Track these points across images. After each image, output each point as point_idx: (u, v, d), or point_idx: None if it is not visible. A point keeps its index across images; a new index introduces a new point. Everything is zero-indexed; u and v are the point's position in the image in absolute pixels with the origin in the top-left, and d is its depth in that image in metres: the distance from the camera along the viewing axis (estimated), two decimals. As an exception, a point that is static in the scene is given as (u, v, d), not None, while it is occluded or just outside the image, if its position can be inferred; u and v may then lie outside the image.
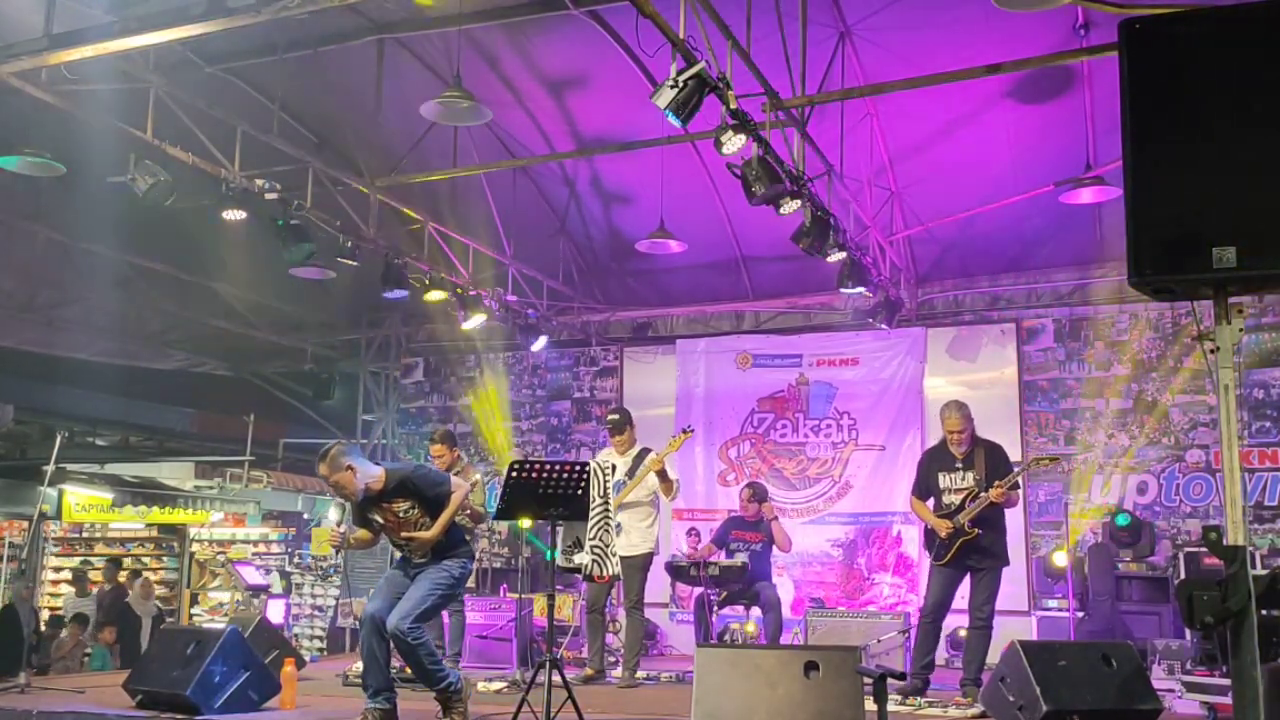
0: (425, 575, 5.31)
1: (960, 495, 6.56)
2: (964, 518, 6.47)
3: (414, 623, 5.09)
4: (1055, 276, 10.56)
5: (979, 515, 6.46)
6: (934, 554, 6.69)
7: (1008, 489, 6.44)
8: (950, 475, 6.66)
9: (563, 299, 11.76)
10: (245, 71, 8.70)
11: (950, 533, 6.50)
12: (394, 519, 5.32)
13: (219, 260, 10.90)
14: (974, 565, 6.55)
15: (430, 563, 5.34)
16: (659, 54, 6.20)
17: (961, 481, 6.60)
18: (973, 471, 6.57)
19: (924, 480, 6.83)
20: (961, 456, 6.66)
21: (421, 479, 5.36)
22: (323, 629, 11.58)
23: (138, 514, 12.88)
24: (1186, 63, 2.81)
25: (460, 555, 5.44)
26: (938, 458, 6.81)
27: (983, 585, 6.54)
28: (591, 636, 7.69)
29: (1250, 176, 2.70)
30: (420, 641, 5.11)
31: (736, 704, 4.64)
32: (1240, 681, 2.60)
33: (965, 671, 6.51)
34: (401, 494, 5.28)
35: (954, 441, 6.68)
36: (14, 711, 5.62)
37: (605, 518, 6.98)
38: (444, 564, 5.35)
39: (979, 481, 6.51)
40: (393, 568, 5.63)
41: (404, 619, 5.06)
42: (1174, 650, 7.21)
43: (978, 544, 6.50)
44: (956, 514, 6.52)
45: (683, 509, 11.11)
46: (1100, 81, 8.28)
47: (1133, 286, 2.81)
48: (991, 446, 6.72)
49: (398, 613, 5.10)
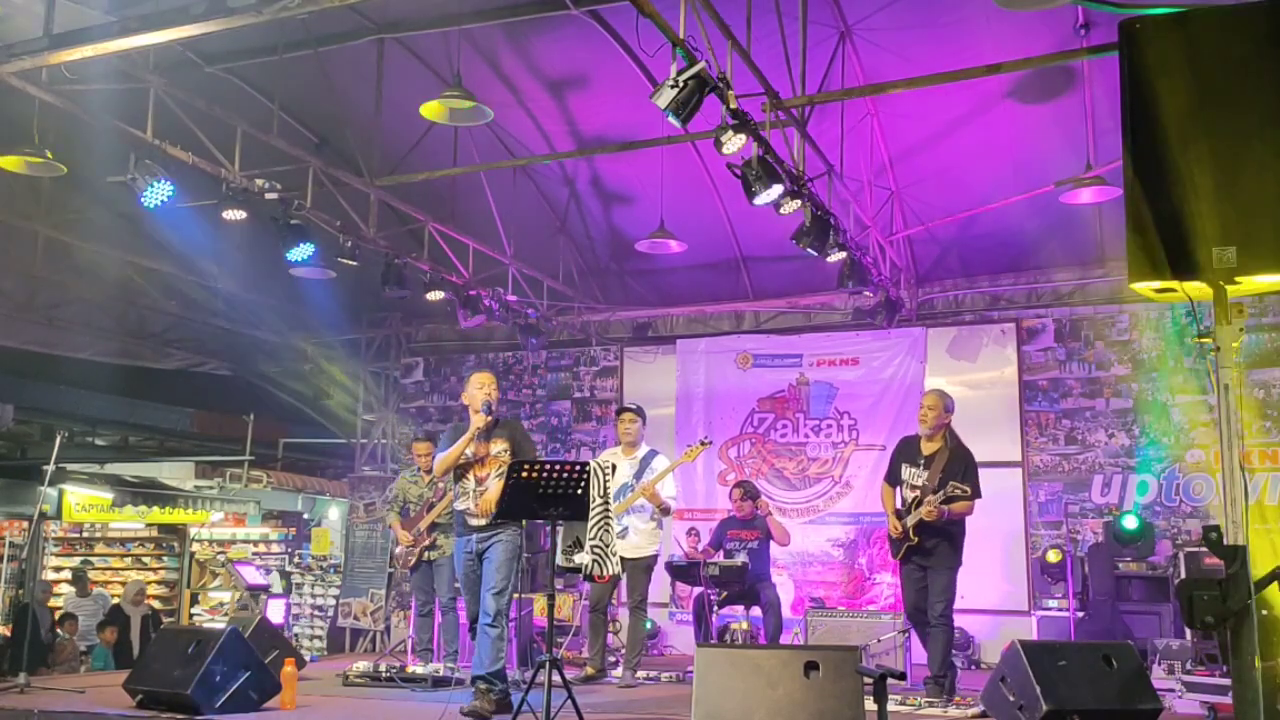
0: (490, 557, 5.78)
1: (914, 494, 6.55)
2: (911, 521, 6.48)
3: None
4: (1055, 276, 10.55)
5: (922, 523, 6.41)
6: (890, 551, 6.81)
7: (941, 505, 6.32)
8: (911, 469, 6.65)
9: (563, 299, 11.76)
10: (245, 71, 8.70)
11: (900, 534, 6.55)
12: (485, 454, 5.81)
13: (219, 260, 10.91)
14: (924, 564, 6.56)
15: (490, 530, 5.76)
16: (659, 54, 6.20)
17: (917, 479, 6.57)
18: (929, 473, 6.51)
19: (893, 468, 6.85)
20: (927, 454, 6.62)
21: (522, 430, 6.12)
22: (323, 629, 11.57)
23: (138, 514, 12.90)
24: (1186, 63, 2.81)
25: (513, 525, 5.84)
26: (907, 448, 6.82)
27: (934, 584, 6.51)
28: (593, 636, 7.70)
29: (1250, 176, 2.70)
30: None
31: (736, 704, 4.64)
32: (1240, 681, 2.60)
33: (929, 667, 6.55)
34: (503, 434, 5.87)
35: (920, 420, 6.68)
36: (14, 711, 5.63)
37: (605, 517, 6.98)
38: (503, 537, 5.80)
39: (925, 487, 6.46)
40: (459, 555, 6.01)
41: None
42: (1174, 650, 7.21)
43: (921, 547, 6.50)
44: (906, 515, 6.54)
45: (683, 509, 11.08)
46: (1100, 81, 8.27)
47: (1133, 287, 2.81)
48: (958, 453, 6.55)
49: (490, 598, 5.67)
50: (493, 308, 10.54)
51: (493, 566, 5.75)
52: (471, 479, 5.84)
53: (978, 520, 6.69)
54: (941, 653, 6.46)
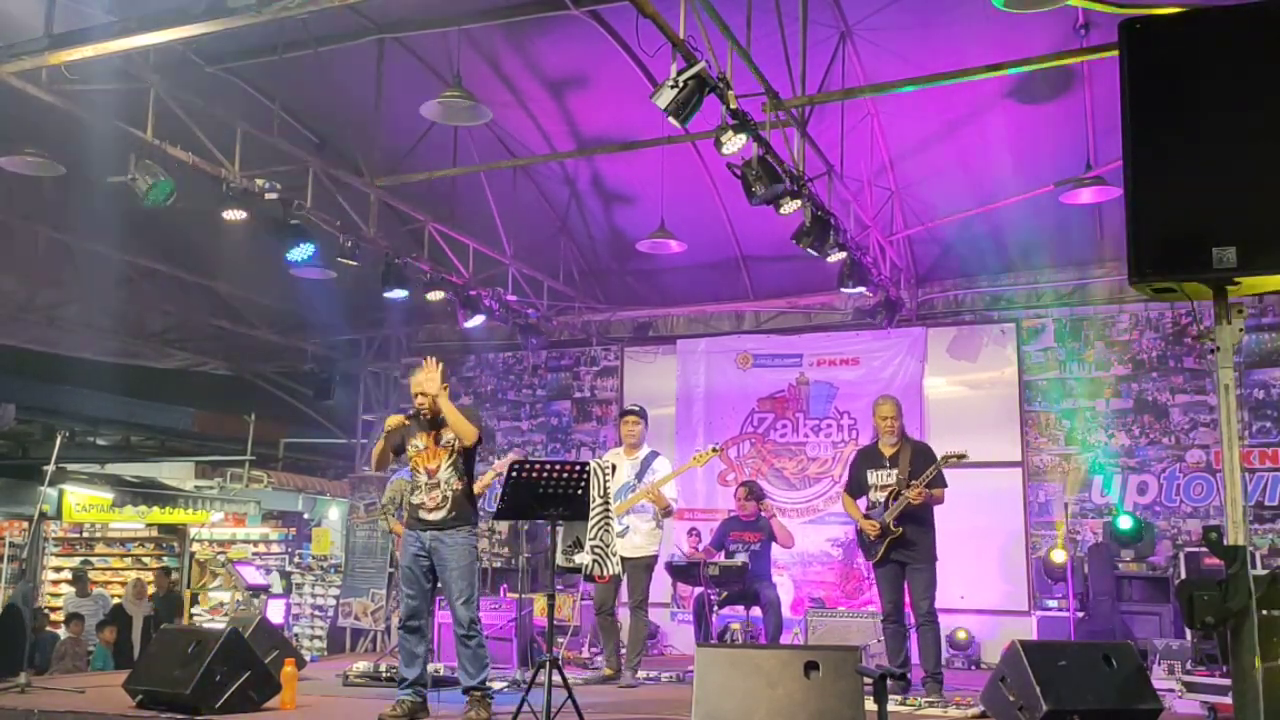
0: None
1: (885, 493, 6.70)
2: (888, 516, 6.60)
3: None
4: (1055, 276, 10.55)
5: (903, 513, 6.58)
6: (866, 554, 6.85)
7: (924, 487, 6.53)
8: (878, 473, 6.81)
9: (563, 299, 11.76)
10: (245, 71, 8.69)
11: (878, 533, 6.61)
12: (431, 444, 5.59)
13: (219, 260, 10.90)
14: (904, 561, 6.65)
15: (445, 528, 5.51)
16: (659, 54, 6.20)
17: (886, 479, 6.75)
18: (897, 470, 6.71)
19: (855, 478, 7.00)
20: (889, 455, 6.81)
21: (478, 417, 5.78)
22: (323, 629, 11.57)
23: (138, 514, 12.89)
24: (1186, 63, 2.81)
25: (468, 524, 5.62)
26: (868, 456, 6.99)
27: (918, 582, 6.63)
28: (605, 638, 7.71)
29: (1250, 176, 2.70)
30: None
31: (736, 704, 4.64)
32: (1240, 681, 2.60)
33: (923, 667, 6.60)
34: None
35: (884, 431, 6.84)
36: (14, 711, 5.62)
37: (605, 517, 6.98)
38: (459, 538, 5.55)
39: (900, 480, 6.64)
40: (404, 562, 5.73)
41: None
42: (1174, 650, 7.21)
43: (904, 540, 6.60)
44: (882, 513, 6.64)
45: (683, 509, 11.05)
46: (1100, 81, 8.28)
47: (1133, 286, 2.81)
48: (920, 448, 6.87)
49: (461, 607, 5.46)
50: (493, 308, 10.54)
51: (454, 574, 5.48)
52: (422, 472, 5.61)
53: (977, 520, 6.75)
54: (935, 648, 6.58)
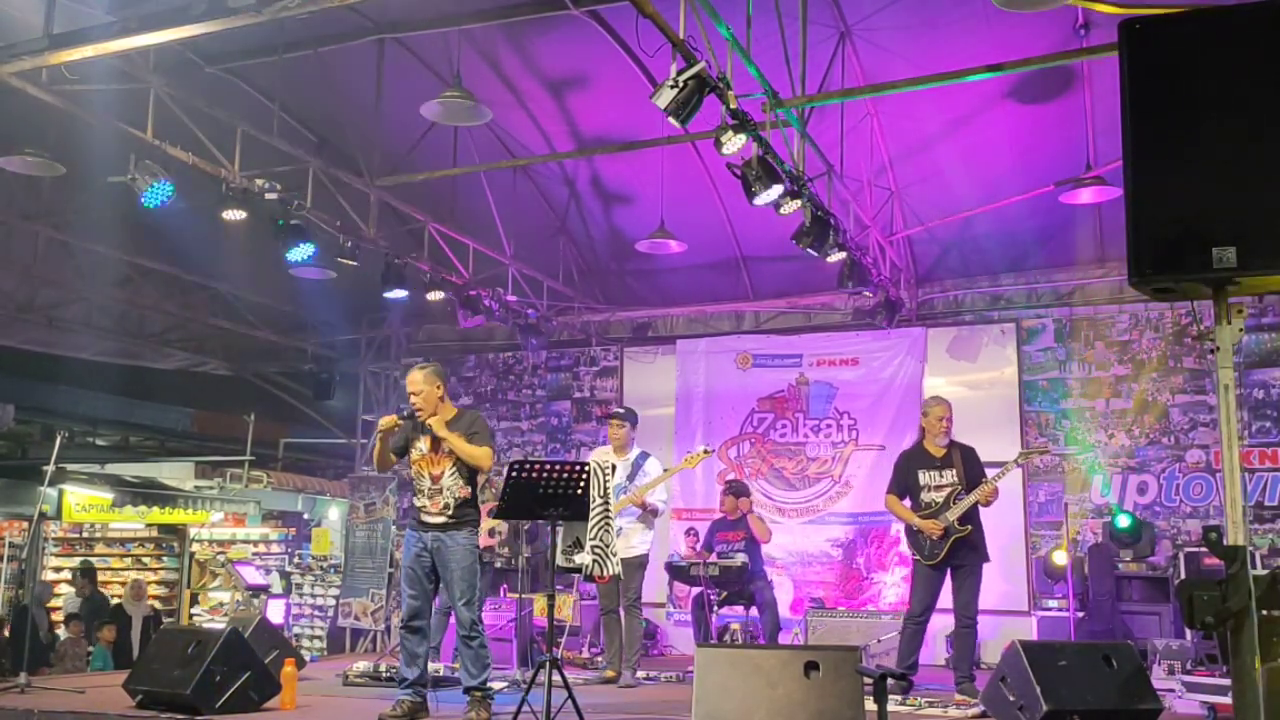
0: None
1: (943, 493, 6.61)
2: (953, 515, 6.52)
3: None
4: (1055, 276, 10.55)
5: (966, 513, 6.54)
6: (924, 554, 6.68)
7: (997, 484, 6.55)
8: (930, 473, 6.71)
9: (563, 299, 11.76)
10: (245, 71, 8.69)
11: (941, 533, 6.54)
12: (435, 450, 5.54)
13: (219, 260, 10.90)
14: (960, 563, 6.60)
15: (446, 529, 5.52)
16: (659, 54, 6.20)
17: (942, 479, 6.66)
18: (952, 470, 6.64)
19: (903, 479, 6.84)
20: (940, 456, 6.72)
21: (479, 420, 5.71)
22: (323, 629, 11.57)
23: (138, 514, 12.87)
24: (1186, 63, 2.81)
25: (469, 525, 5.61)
26: (916, 457, 6.87)
27: (967, 585, 6.58)
28: (609, 639, 7.70)
29: (1250, 176, 2.70)
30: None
31: (736, 704, 4.64)
32: (1240, 681, 2.60)
33: (958, 670, 6.57)
34: (459, 427, 5.56)
35: (937, 433, 6.73)
36: (14, 711, 5.62)
37: (606, 517, 6.99)
38: (460, 540, 5.53)
39: (956, 484, 6.59)
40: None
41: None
42: (1174, 650, 7.21)
43: (968, 541, 6.56)
44: (942, 513, 6.56)
45: (682, 509, 11.11)
46: (1100, 81, 8.27)
47: (1133, 286, 2.81)
48: (967, 449, 6.80)
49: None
50: (493, 308, 10.54)
51: (455, 575, 5.49)
52: (426, 477, 5.59)
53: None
54: (973, 651, 6.60)
